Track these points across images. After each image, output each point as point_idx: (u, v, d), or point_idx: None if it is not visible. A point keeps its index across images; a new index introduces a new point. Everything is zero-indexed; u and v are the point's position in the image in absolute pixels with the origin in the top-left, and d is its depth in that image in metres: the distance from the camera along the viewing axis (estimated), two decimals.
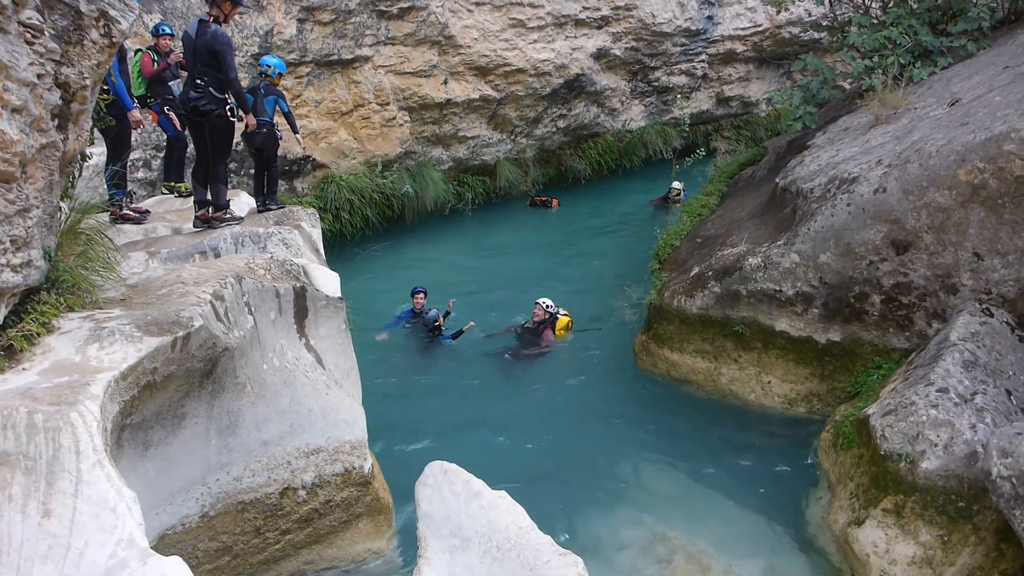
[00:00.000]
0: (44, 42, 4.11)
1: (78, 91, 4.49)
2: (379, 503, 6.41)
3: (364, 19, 14.90)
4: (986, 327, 6.83)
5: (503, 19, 17.07)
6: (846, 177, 8.11)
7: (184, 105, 7.74)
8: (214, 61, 7.51)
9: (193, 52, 7.58)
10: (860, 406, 7.11)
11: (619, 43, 19.50)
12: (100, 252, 5.19)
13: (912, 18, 11.67)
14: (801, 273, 8.15)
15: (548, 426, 8.84)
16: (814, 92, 12.32)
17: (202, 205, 7.91)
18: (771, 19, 22.16)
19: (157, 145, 12.16)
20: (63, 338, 4.16)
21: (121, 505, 3.25)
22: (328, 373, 6.28)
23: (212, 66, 7.53)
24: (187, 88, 7.68)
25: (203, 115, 7.65)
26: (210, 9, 7.63)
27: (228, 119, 7.78)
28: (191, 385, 4.98)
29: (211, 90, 7.55)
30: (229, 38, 7.59)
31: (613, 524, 7.05)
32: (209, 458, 5.35)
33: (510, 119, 18.46)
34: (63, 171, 4.53)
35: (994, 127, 7.14)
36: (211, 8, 7.62)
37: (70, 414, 3.43)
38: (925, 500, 5.78)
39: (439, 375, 10.25)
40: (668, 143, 21.33)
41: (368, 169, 16.03)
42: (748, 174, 13.47)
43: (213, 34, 7.48)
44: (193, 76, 7.62)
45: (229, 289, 5.33)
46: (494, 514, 4.61)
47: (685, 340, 9.28)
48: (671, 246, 11.18)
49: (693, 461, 7.98)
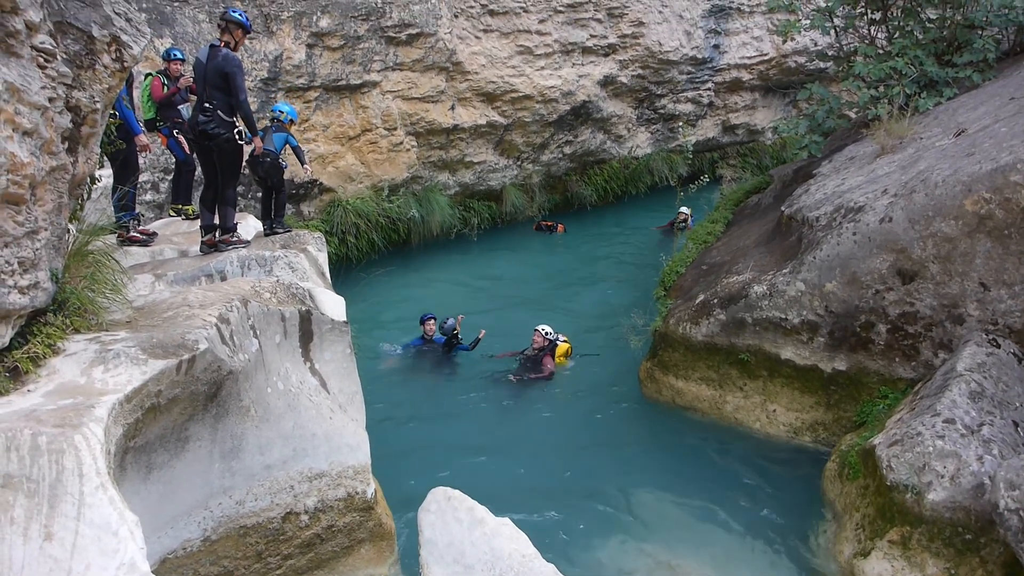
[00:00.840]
0: (56, 66, 4.15)
1: (88, 114, 4.53)
2: (382, 529, 6.37)
3: (373, 45, 15.02)
4: (993, 358, 6.81)
5: (511, 46, 17.19)
6: (852, 206, 8.12)
7: (193, 129, 7.78)
8: (224, 84, 7.54)
9: (204, 76, 7.64)
10: (866, 436, 7.07)
11: (626, 71, 19.62)
12: (107, 274, 5.21)
13: (918, 49, 11.73)
14: (807, 302, 8.13)
15: (552, 453, 8.80)
16: (820, 121, 12.36)
17: (208, 230, 7.93)
18: (777, 48, 22.29)
19: (165, 168, 12.23)
20: (69, 360, 4.16)
21: (123, 529, 3.23)
22: (332, 397, 6.27)
23: (222, 89, 7.57)
24: (196, 112, 7.74)
25: (211, 139, 7.69)
26: (221, 35, 7.73)
27: (236, 143, 7.80)
28: (195, 408, 4.98)
29: (220, 113, 7.60)
30: (240, 61, 7.66)
31: (617, 552, 7.00)
32: (212, 481, 5.33)
33: (516, 145, 18.54)
34: (72, 193, 4.56)
35: (1000, 157, 7.16)
36: (222, 34, 7.72)
37: (74, 436, 3.43)
38: (932, 532, 5.74)
39: (443, 401, 10.22)
40: (674, 170, 21.37)
41: (375, 193, 16.08)
42: (754, 202, 13.49)
43: (224, 57, 7.54)
44: (202, 100, 7.67)
45: (235, 312, 5.34)
46: (497, 541, 4.58)
47: (690, 368, 9.26)
48: (676, 273, 11.18)
49: (698, 489, 7.92)
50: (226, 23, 7.70)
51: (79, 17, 4.43)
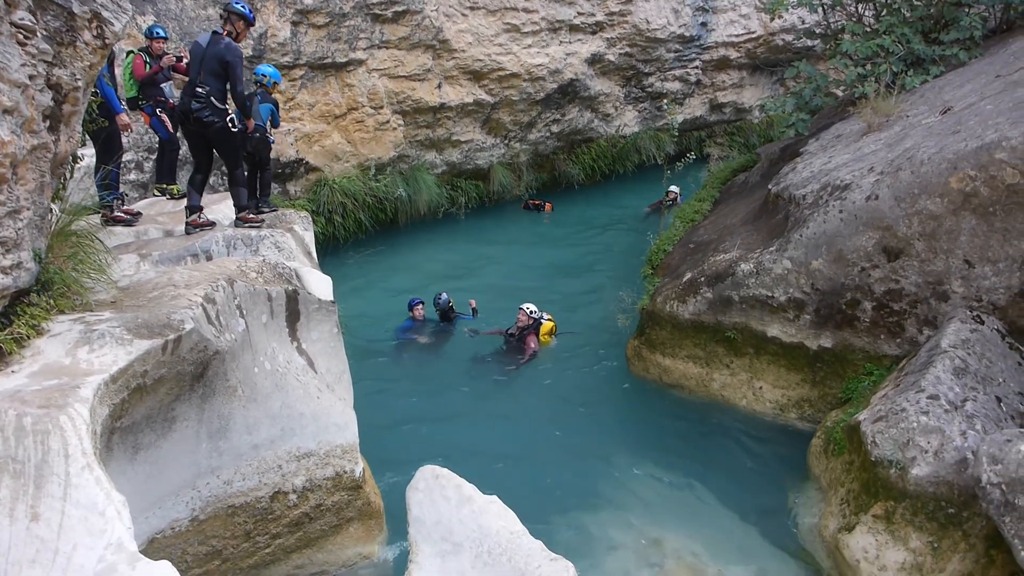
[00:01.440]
0: (36, 43, 4.10)
1: (70, 92, 4.48)
2: (370, 507, 6.40)
3: (358, 22, 14.90)
4: (977, 334, 6.86)
5: (498, 24, 17.08)
6: (838, 184, 8.14)
7: (185, 114, 7.74)
8: (222, 71, 7.57)
9: (201, 60, 7.63)
10: (851, 412, 7.13)
11: (613, 49, 19.54)
12: (91, 254, 5.17)
13: (905, 26, 11.72)
14: (793, 279, 8.16)
15: (539, 431, 8.84)
16: (807, 99, 12.35)
17: (192, 211, 7.91)
18: (765, 26, 22.22)
19: (149, 147, 12.13)
20: (53, 340, 4.14)
21: (110, 509, 3.23)
22: (320, 377, 6.27)
23: (217, 76, 7.59)
24: (186, 96, 7.69)
25: (205, 127, 7.68)
26: (223, 25, 7.79)
27: (231, 130, 7.82)
28: (181, 388, 4.97)
29: (213, 100, 7.59)
30: (242, 53, 7.73)
31: (604, 529, 7.05)
32: (199, 462, 5.33)
33: (504, 123, 18.47)
34: (54, 173, 4.52)
35: (986, 135, 7.18)
36: (224, 24, 7.79)
37: (59, 417, 3.42)
38: (915, 506, 5.80)
39: (431, 380, 10.24)
40: (661, 149, 21.34)
41: (361, 172, 16.02)
42: (741, 180, 13.50)
43: (227, 45, 7.58)
44: (194, 84, 7.62)
45: (221, 292, 5.32)
46: (485, 519, 4.61)
47: (677, 345, 9.29)
48: (664, 251, 11.20)
49: (685, 466, 7.98)
50: (228, 14, 7.78)
51: None
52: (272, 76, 9.47)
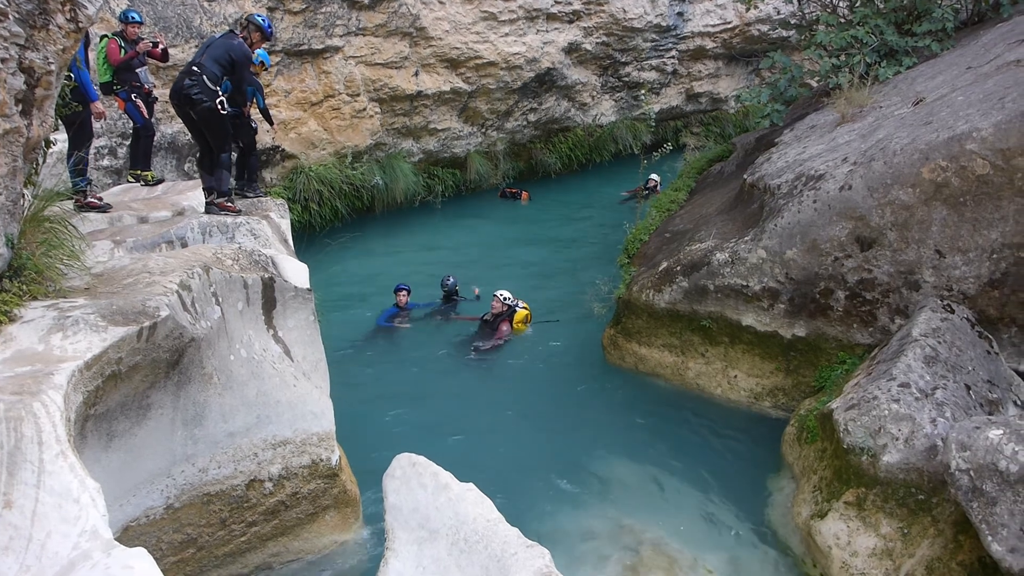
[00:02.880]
0: (8, 25, 4.04)
1: (43, 76, 4.42)
2: (346, 495, 6.40)
3: (335, 9, 14.80)
4: (947, 323, 6.96)
5: (475, 12, 17.03)
6: (813, 174, 8.20)
7: (176, 94, 7.71)
8: (226, 60, 7.71)
9: (208, 46, 7.79)
10: (824, 400, 7.21)
11: (590, 38, 19.54)
12: (64, 240, 5.12)
13: (879, 18, 11.81)
14: (768, 268, 8.23)
15: (516, 419, 8.87)
16: (782, 90, 12.42)
17: (210, 191, 7.99)
18: (741, 16, 22.32)
19: (123, 133, 11.99)
20: (26, 327, 4.10)
21: (84, 496, 3.21)
22: (296, 365, 6.26)
23: (220, 63, 7.70)
24: (180, 77, 7.70)
25: (192, 104, 7.66)
26: (241, 30, 8.10)
27: (219, 112, 7.83)
28: (157, 376, 4.94)
29: (205, 79, 7.62)
30: (251, 55, 8.05)
31: (580, 516, 7.09)
32: (174, 449, 5.31)
33: (481, 112, 18.44)
34: (27, 157, 4.46)
35: (957, 126, 7.26)
36: (242, 30, 8.10)
37: (33, 404, 3.39)
38: (886, 493, 5.88)
39: (407, 368, 10.23)
40: (638, 138, 21.42)
41: (338, 160, 15.94)
42: (717, 170, 13.56)
43: (239, 44, 7.83)
44: (191, 64, 7.67)
45: (196, 279, 5.29)
46: (462, 506, 4.62)
47: (653, 334, 9.35)
48: (640, 240, 11.24)
49: (660, 454, 8.04)
50: (247, 23, 8.13)
51: None
52: (260, 55, 9.46)
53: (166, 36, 11.95)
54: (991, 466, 5.00)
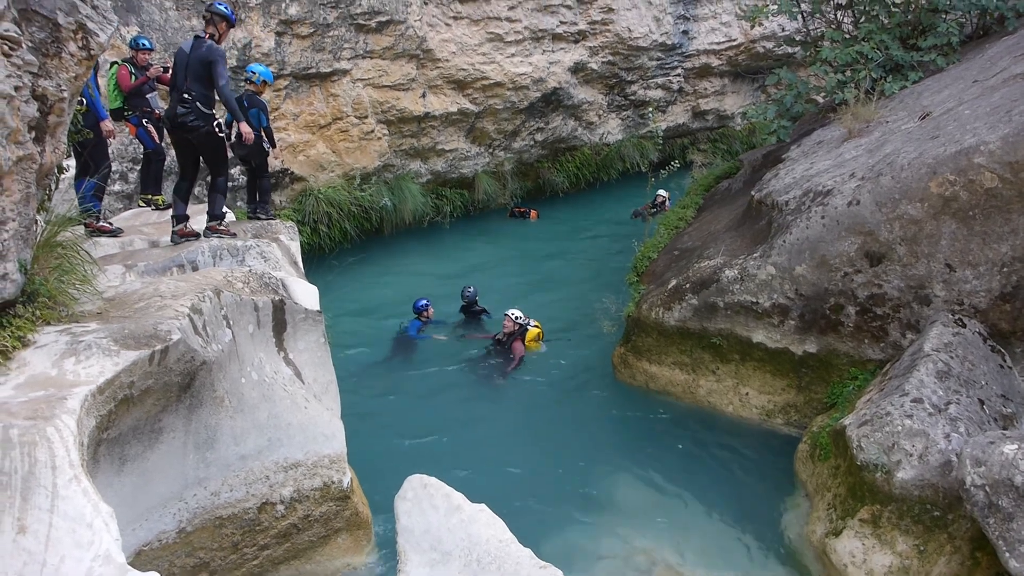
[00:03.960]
0: (22, 54, 4.09)
1: (55, 103, 4.47)
2: (358, 517, 6.38)
3: (342, 32, 14.91)
4: (959, 337, 6.92)
5: (481, 33, 17.14)
6: (820, 190, 8.20)
7: (171, 120, 7.71)
8: (206, 73, 7.54)
9: (186, 66, 7.61)
10: (836, 417, 7.17)
11: (596, 57, 19.63)
12: (76, 265, 5.15)
13: (883, 33, 11.84)
14: (777, 285, 8.22)
15: (527, 439, 8.84)
16: (788, 106, 12.45)
17: (179, 220, 7.88)
18: (745, 34, 22.40)
19: (134, 158, 12.08)
20: (39, 352, 4.12)
21: (98, 520, 3.22)
22: (307, 387, 6.26)
23: (202, 80, 7.57)
24: (173, 104, 7.67)
25: (190, 131, 7.64)
26: (206, 27, 7.79)
27: (217, 136, 7.79)
28: (169, 399, 4.95)
29: (199, 105, 7.56)
30: (224, 52, 7.71)
31: (593, 536, 7.05)
32: (187, 473, 5.31)
33: (488, 132, 18.51)
34: (39, 184, 4.50)
35: (964, 140, 7.26)
36: (207, 26, 7.78)
37: (46, 428, 3.40)
38: (901, 510, 5.84)
39: (418, 388, 10.22)
40: (645, 156, 21.46)
41: (346, 182, 16.01)
42: (724, 187, 13.57)
43: (209, 47, 7.58)
44: (180, 91, 7.61)
45: (207, 302, 5.31)
46: (474, 527, 4.60)
47: (663, 352, 9.32)
48: (648, 258, 11.24)
49: (672, 473, 8.00)
50: (211, 15, 7.78)
51: (44, 4, 4.36)
52: (262, 74, 9.37)
53: None
54: (1007, 481, 4.96)
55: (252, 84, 9.37)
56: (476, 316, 12.21)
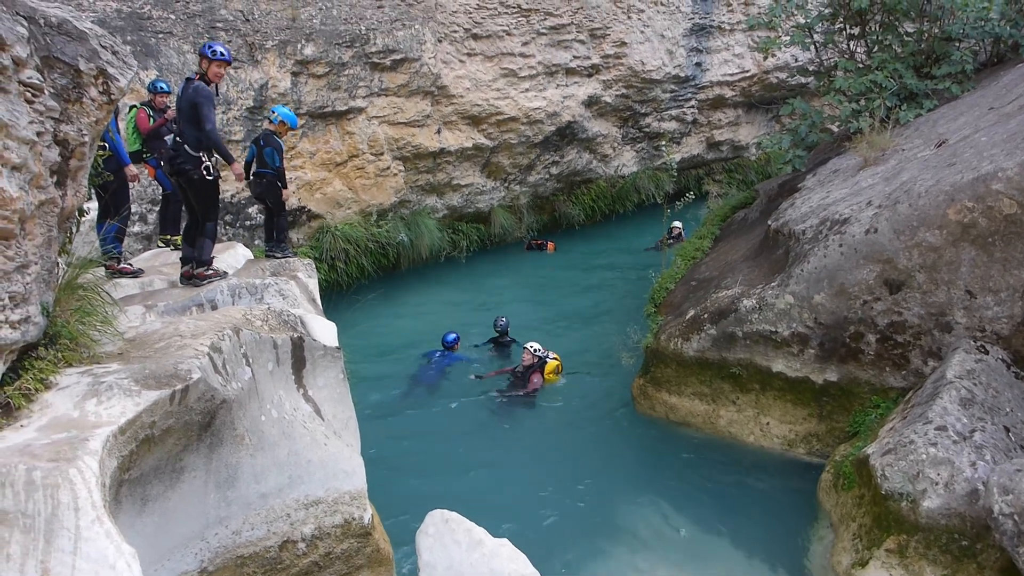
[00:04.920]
0: (44, 100, 4.17)
1: (77, 148, 4.54)
2: (380, 554, 6.34)
3: (357, 71, 15.11)
4: (982, 364, 6.86)
5: (495, 69, 17.31)
6: (837, 218, 8.19)
7: (169, 164, 7.69)
8: (194, 116, 7.44)
9: (180, 110, 7.61)
10: (859, 446, 7.10)
11: (610, 90, 19.78)
12: (97, 307, 5.20)
13: (897, 62, 11.88)
14: (796, 314, 8.18)
15: (548, 471, 8.79)
16: (803, 136, 12.48)
17: (186, 262, 7.84)
18: (759, 65, 22.51)
19: (153, 199, 12.24)
20: (61, 394, 4.15)
21: (120, 562, 3.22)
22: (327, 423, 6.26)
23: (192, 122, 7.46)
24: (171, 146, 7.71)
25: (180, 174, 7.59)
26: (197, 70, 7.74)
27: (205, 179, 7.61)
28: (189, 438, 4.97)
29: (186, 148, 7.46)
30: (211, 92, 7.58)
31: (615, 569, 6.99)
32: (208, 512, 5.31)
33: (503, 167, 18.63)
34: (61, 227, 4.57)
35: (981, 167, 7.24)
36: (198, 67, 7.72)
37: (69, 470, 3.42)
38: (928, 539, 5.76)
39: (437, 423, 10.21)
40: (660, 188, 21.51)
41: (363, 219, 16.12)
42: (740, 217, 13.58)
43: (195, 88, 7.47)
44: (175, 133, 7.67)
45: (227, 341, 5.34)
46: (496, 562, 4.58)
47: (683, 383, 9.28)
48: (666, 289, 11.24)
49: (693, 504, 7.93)
50: (200, 56, 7.70)
51: (66, 51, 4.45)
52: (282, 116, 9.35)
53: None
54: None
55: (270, 123, 9.47)
56: (507, 347, 12.21)
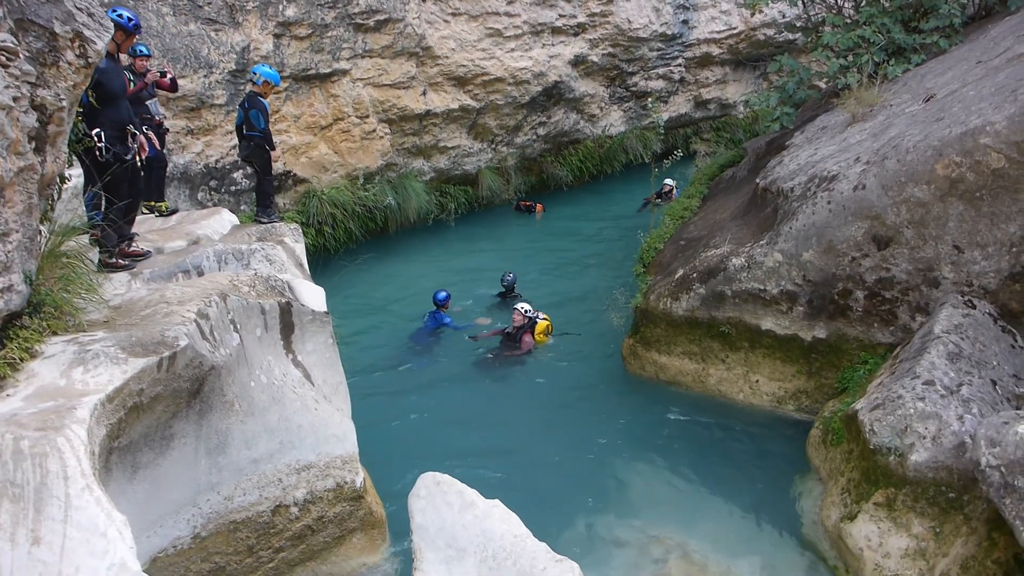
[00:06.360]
0: (19, 64, 4.09)
1: (55, 113, 4.46)
2: (372, 517, 6.38)
3: (341, 33, 14.89)
4: (969, 319, 6.89)
5: (480, 29, 17.10)
6: (826, 175, 8.17)
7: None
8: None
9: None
10: (848, 401, 7.15)
11: (596, 49, 19.58)
12: (81, 274, 5.15)
13: (885, 16, 11.78)
14: (785, 272, 8.19)
15: (539, 433, 8.83)
16: (791, 93, 12.40)
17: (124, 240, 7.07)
18: (746, 21, 22.30)
19: None
20: (47, 362, 4.12)
21: (112, 529, 3.22)
22: (316, 388, 6.26)
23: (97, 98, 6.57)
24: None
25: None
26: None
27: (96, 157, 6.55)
28: (178, 405, 4.95)
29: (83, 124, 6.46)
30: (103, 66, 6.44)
31: (608, 528, 7.05)
32: (199, 478, 5.31)
33: (490, 128, 18.48)
34: (42, 194, 4.50)
35: (969, 121, 7.21)
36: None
37: (57, 439, 3.40)
38: (916, 492, 5.82)
39: (427, 385, 10.22)
40: (648, 147, 21.38)
41: (350, 182, 15.99)
42: (729, 175, 13.53)
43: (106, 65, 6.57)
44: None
45: (214, 307, 5.31)
46: (489, 523, 4.60)
47: (672, 342, 9.31)
48: (655, 249, 11.22)
49: (685, 462, 7.99)
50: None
51: (40, 14, 4.35)
52: (264, 75, 9.19)
53: (175, 67, 12.05)
54: (1022, 461, 4.93)
55: (254, 85, 9.33)
56: (516, 301, 12.19)
